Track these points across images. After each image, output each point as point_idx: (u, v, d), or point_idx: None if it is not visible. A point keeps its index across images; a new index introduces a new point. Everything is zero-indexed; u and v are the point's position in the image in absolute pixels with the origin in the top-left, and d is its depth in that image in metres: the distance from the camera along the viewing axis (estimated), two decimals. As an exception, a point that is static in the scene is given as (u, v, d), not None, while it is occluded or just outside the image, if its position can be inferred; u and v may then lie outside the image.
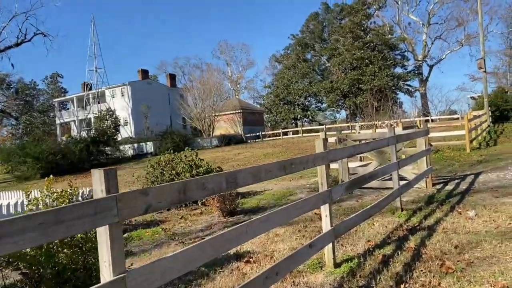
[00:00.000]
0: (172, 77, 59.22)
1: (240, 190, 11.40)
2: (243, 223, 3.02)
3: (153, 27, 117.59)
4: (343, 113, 60.82)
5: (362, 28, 52.68)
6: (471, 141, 14.98)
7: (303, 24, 65.72)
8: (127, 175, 18.34)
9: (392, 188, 7.09)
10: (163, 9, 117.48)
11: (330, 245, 4.24)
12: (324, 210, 4.30)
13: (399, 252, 4.46)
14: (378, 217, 6.29)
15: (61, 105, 61.71)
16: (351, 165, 10.53)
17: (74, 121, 54.73)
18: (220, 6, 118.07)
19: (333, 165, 12.09)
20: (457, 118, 39.99)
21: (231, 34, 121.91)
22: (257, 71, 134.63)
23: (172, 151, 10.25)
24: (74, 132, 52.18)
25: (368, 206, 5.22)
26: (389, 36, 52.03)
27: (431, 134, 17.93)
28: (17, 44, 31.16)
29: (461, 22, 50.37)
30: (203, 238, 5.41)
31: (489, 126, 22.14)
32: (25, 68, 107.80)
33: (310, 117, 63.08)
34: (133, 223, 8.40)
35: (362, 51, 49.37)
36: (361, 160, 11.83)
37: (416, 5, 52.20)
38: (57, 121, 57.35)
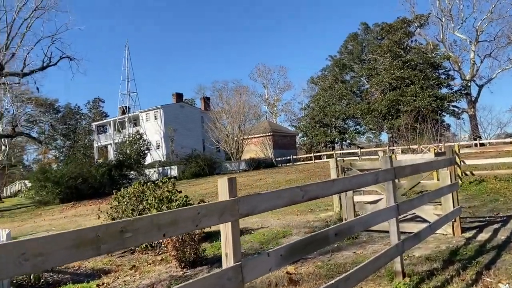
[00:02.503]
0: (207, 100, 58.94)
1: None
2: None
3: (194, 51, 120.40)
4: (384, 136, 57.56)
5: (402, 47, 49.91)
6: (522, 170, 12.40)
7: (341, 45, 63.96)
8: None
9: (411, 232, 5.19)
10: (204, 34, 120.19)
11: None
12: (228, 301, 2.53)
13: None
14: (369, 284, 4.39)
15: (100, 129, 63.19)
16: (359, 198, 8.55)
17: (110, 144, 55.56)
18: (258, 29, 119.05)
19: (338, 198, 10.12)
20: (510, 143, 36.03)
21: (269, 56, 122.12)
22: (295, 93, 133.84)
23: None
24: (111, 155, 52.82)
25: (333, 280, 3.34)
26: (432, 54, 48.82)
27: (477, 162, 15.42)
28: (42, 68, 31.30)
29: (512, 39, 46.47)
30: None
31: (547, 151, 18.99)
32: (70, 91, 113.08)
33: (349, 140, 60.23)
34: (79, 271, 6.90)
35: (401, 71, 46.51)
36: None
37: (462, 22, 48.82)
38: (95, 145, 58.65)
